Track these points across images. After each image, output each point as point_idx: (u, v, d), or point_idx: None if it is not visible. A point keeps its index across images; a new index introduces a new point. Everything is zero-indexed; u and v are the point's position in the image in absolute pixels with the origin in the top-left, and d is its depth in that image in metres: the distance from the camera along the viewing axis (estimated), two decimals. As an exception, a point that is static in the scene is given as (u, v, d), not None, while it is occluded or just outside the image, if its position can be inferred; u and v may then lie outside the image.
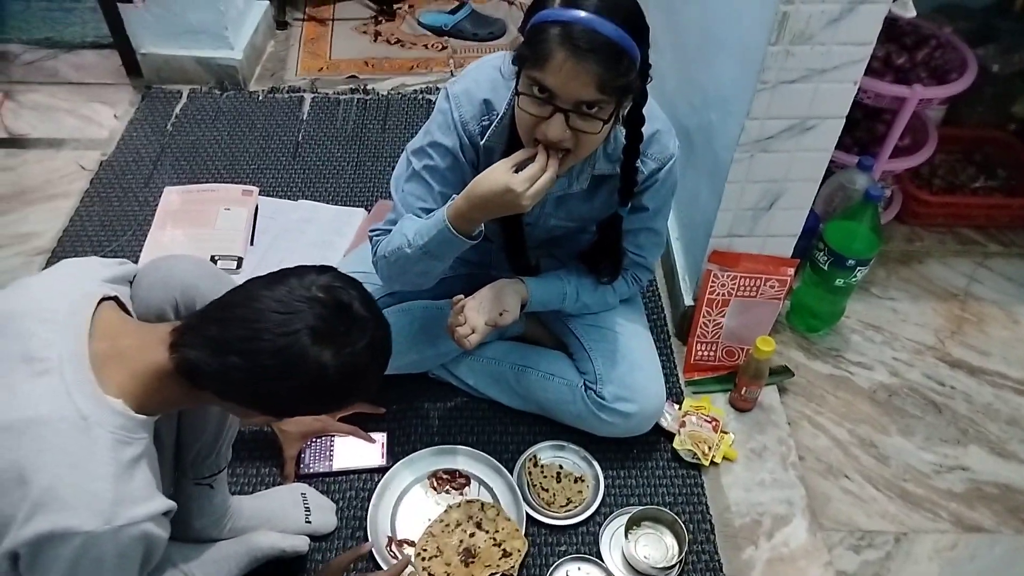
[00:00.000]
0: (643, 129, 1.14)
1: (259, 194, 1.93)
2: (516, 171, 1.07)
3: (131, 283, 1.01)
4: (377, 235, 1.27)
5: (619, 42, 0.98)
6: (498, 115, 1.17)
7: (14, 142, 2.10)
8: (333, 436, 1.43)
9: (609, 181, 1.24)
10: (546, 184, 1.07)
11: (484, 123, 1.19)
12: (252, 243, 1.82)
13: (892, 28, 1.75)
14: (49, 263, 1.77)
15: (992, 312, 1.77)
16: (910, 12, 1.28)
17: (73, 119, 2.18)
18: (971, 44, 1.79)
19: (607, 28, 0.97)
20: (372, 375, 0.92)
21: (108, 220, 1.88)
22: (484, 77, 1.19)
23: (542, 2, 1.01)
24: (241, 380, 0.84)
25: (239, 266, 1.76)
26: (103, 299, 0.90)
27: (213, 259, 1.76)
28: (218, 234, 1.82)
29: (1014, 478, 1.47)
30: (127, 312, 0.95)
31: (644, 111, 1.13)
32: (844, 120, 1.28)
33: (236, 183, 1.95)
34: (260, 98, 2.25)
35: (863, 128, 1.80)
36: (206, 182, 1.97)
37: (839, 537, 1.37)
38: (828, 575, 1.32)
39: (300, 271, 0.89)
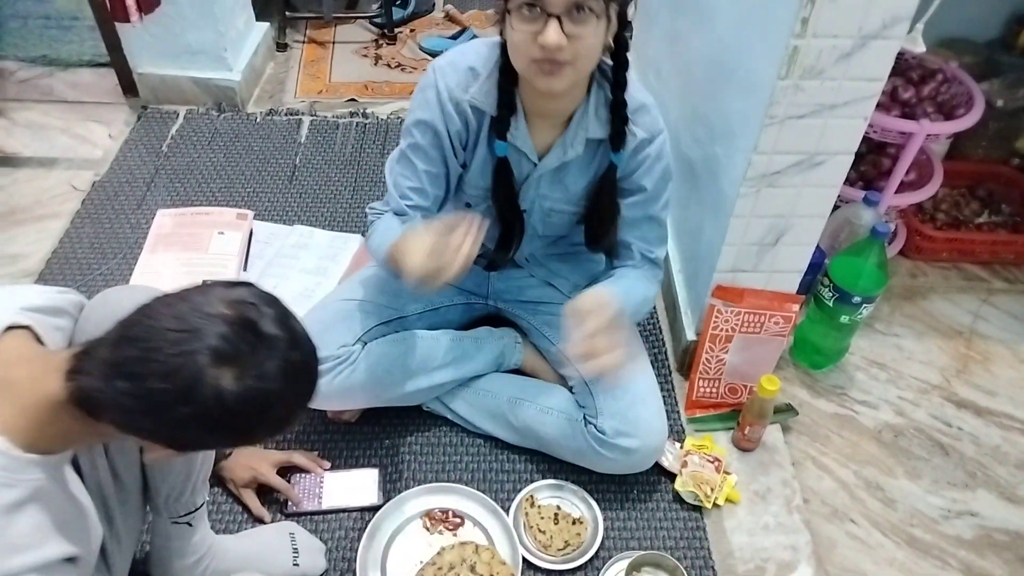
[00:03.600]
0: (630, 99, 1.16)
1: (254, 218, 1.89)
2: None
3: (77, 316, 0.94)
4: (374, 214, 1.26)
5: None
6: (484, 79, 1.17)
7: (6, 160, 2.06)
8: (321, 474, 1.38)
9: (600, 151, 1.23)
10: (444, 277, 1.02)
11: (471, 88, 1.18)
12: (245, 268, 1.78)
13: (899, 62, 1.72)
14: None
15: (998, 351, 1.74)
16: (919, 47, 1.26)
17: (67, 138, 2.15)
18: (976, 78, 1.78)
19: None
20: (285, 405, 0.80)
21: (98, 242, 1.84)
22: (470, 49, 1.21)
23: None
24: (133, 408, 0.74)
25: (231, 292, 1.72)
26: (12, 327, 0.81)
27: (204, 283, 1.71)
28: (211, 259, 1.78)
29: (1024, 525, 1.43)
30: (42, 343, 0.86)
31: (629, 87, 1.15)
32: (853, 156, 1.25)
33: (231, 206, 1.91)
34: (258, 120, 2.23)
35: (868, 162, 1.78)
36: (201, 204, 1.93)
37: (845, 585, 1.33)
38: (834, 625, 1.27)
39: (208, 286, 0.80)
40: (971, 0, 1.16)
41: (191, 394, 0.73)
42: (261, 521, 1.32)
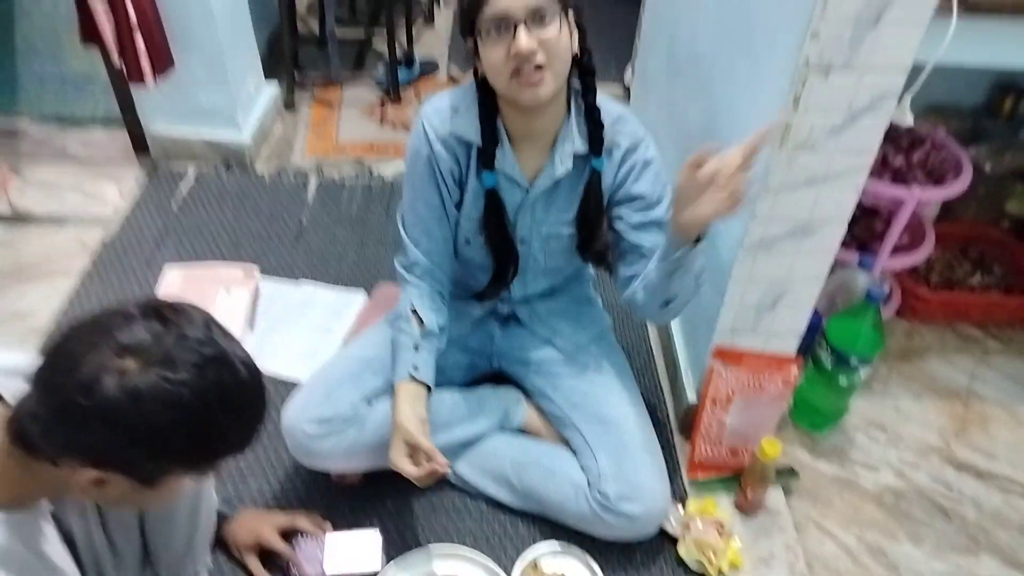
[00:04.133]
0: (606, 112, 1.24)
1: (261, 275, 1.92)
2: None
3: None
4: (400, 270, 1.35)
5: None
6: (465, 113, 1.24)
7: (18, 218, 2.11)
8: (323, 537, 1.37)
9: (587, 167, 1.27)
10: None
11: (454, 123, 1.24)
12: (252, 325, 1.80)
13: (888, 130, 1.78)
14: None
15: (995, 412, 1.76)
16: (908, 120, 1.31)
17: (78, 196, 2.19)
18: (963, 143, 1.83)
19: None
20: (208, 410, 0.74)
21: (107, 300, 1.86)
22: (450, 93, 1.27)
23: None
24: (49, 420, 0.72)
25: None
26: None
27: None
28: (217, 316, 1.80)
29: (1028, 590, 1.43)
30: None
31: (604, 103, 1.24)
32: (847, 224, 1.29)
33: (238, 263, 1.95)
34: (266, 180, 2.28)
35: (862, 225, 1.82)
36: (208, 262, 1.97)
37: (850, 653, 1.32)
38: None
39: (126, 301, 0.78)
40: (955, 70, 1.20)
41: (94, 389, 0.69)
42: None
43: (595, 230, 1.32)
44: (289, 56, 2.55)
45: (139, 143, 2.31)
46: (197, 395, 0.73)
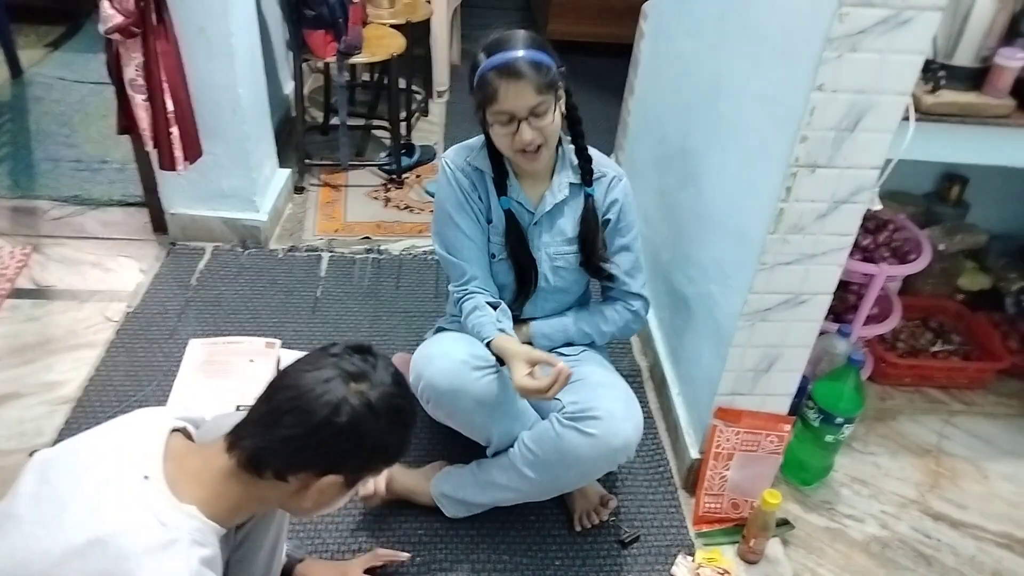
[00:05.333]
0: (593, 153, 1.54)
1: (281, 347, 2.03)
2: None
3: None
4: (456, 293, 1.56)
5: (534, 58, 1.35)
6: (476, 148, 1.53)
7: (41, 293, 2.19)
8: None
9: (581, 194, 1.55)
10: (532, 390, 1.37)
11: (468, 157, 1.53)
12: (275, 394, 1.90)
13: (854, 214, 2.02)
14: (74, 412, 1.82)
15: (964, 467, 1.93)
16: (877, 206, 1.52)
17: (99, 272, 2.29)
18: (919, 226, 2.07)
19: (522, 55, 1.35)
20: (410, 413, 1.04)
21: (133, 370, 1.95)
22: (466, 141, 1.56)
23: (475, 62, 1.39)
24: (296, 442, 0.94)
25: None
26: (174, 430, 1.01)
27: (238, 409, 1.83)
28: (242, 386, 1.90)
29: (1006, 629, 1.56)
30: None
31: (591, 152, 1.54)
32: (832, 295, 1.48)
33: (259, 335, 2.06)
34: (280, 256, 2.42)
35: (836, 298, 2.01)
36: (229, 334, 2.07)
37: None
38: None
39: (320, 348, 1.02)
40: (908, 162, 1.42)
41: (340, 411, 0.94)
42: None
43: (594, 245, 1.56)
44: (300, 144, 2.72)
45: (158, 223, 2.43)
46: (405, 403, 1.02)
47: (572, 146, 1.54)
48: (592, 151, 1.55)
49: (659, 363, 2.00)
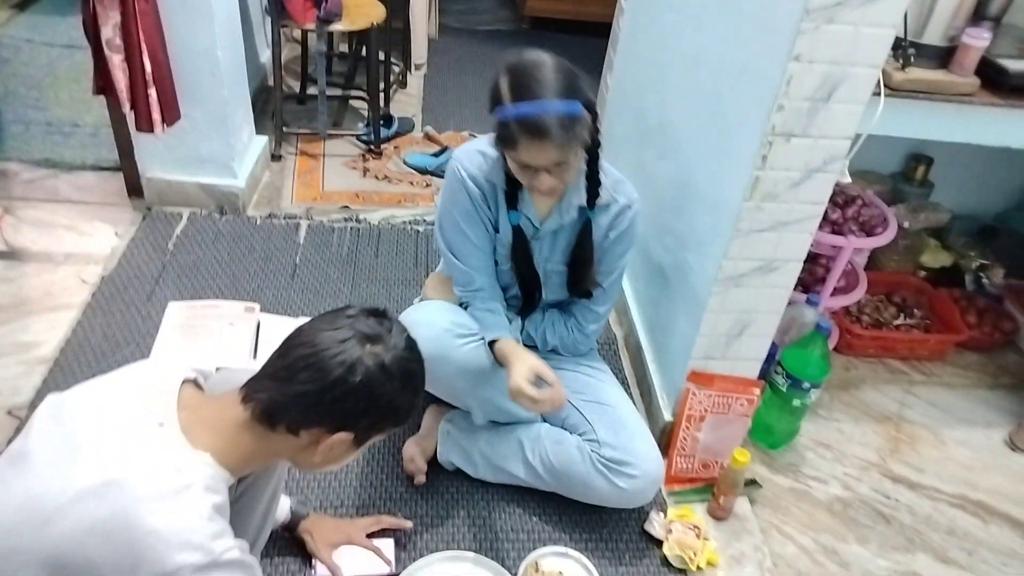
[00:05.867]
0: (609, 173, 1.47)
1: (260, 311, 2.04)
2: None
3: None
4: (466, 298, 1.54)
5: (565, 111, 1.24)
6: (492, 159, 1.45)
7: (14, 255, 2.17)
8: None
9: (583, 217, 1.49)
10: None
11: (483, 168, 1.46)
12: (255, 357, 1.91)
13: (824, 189, 2.08)
14: (52, 372, 1.81)
15: (922, 434, 2.02)
16: (846, 178, 1.57)
17: (73, 235, 2.27)
18: (887, 204, 2.14)
19: (553, 107, 1.23)
20: (421, 377, 1.05)
21: (111, 332, 1.95)
22: (478, 140, 1.49)
23: (498, 97, 1.28)
24: (310, 398, 0.95)
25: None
26: (186, 380, 1.03)
27: (217, 372, 1.84)
28: (222, 348, 1.91)
29: (958, 582, 1.65)
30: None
31: (607, 168, 1.46)
32: (803, 263, 1.53)
33: (238, 300, 2.06)
34: (258, 223, 2.41)
35: (805, 270, 2.08)
36: (208, 299, 2.07)
37: (814, 637, 1.50)
38: (808, 673, 1.43)
39: (336, 309, 1.04)
40: (876, 142, 1.47)
41: (355, 371, 0.95)
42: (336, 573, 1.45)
43: (583, 271, 1.54)
44: (278, 111, 2.71)
45: (134, 187, 2.41)
46: (417, 368, 1.03)
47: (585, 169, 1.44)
48: (610, 171, 1.48)
49: (634, 332, 2.05)
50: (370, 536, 1.50)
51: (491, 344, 1.48)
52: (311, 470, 1.34)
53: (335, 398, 0.96)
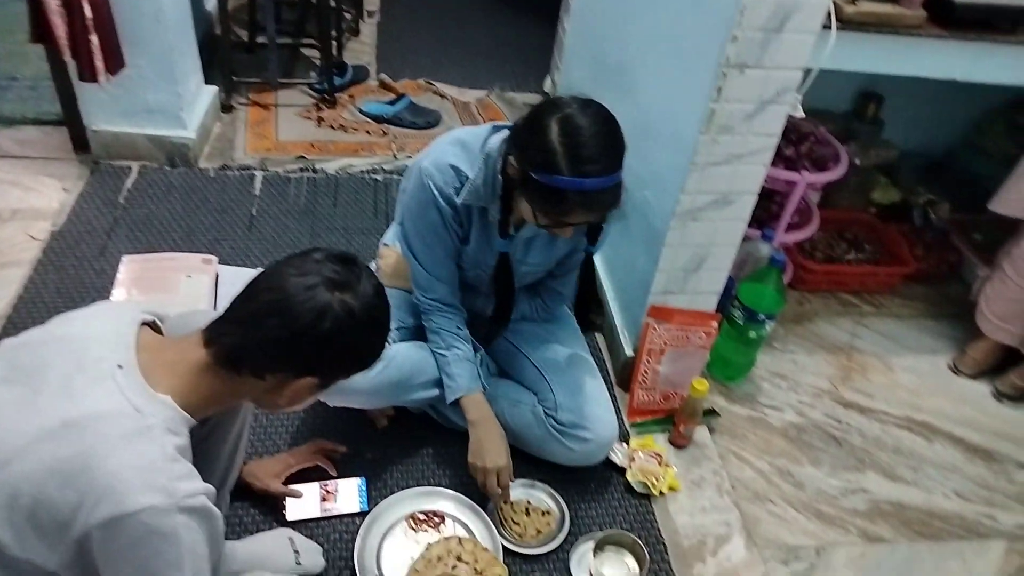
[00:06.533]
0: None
1: (218, 263, 2.01)
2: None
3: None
4: (429, 302, 1.52)
5: (619, 184, 1.22)
6: (469, 179, 1.36)
7: (-44, 212, 2.10)
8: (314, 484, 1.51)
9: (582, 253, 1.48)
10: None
11: (456, 186, 1.38)
12: (215, 308, 1.89)
13: (778, 127, 2.11)
14: (5, 329, 1.77)
15: (872, 362, 2.10)
16: (800, 112, 1.60)
17: (18, 191, 2.20)
18: (840, 141, 2.18)
19: (612, 181, 1.20)
20: (387, 322, 1.05)
21: (65, 287, 1.90)
22: (447, 149, 1.40)
23: (553, 164, 1.17)
24: (278, 344, 0.95)
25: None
26: (144, 324, 1.01)
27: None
28: (181, 300, 1.88)
29: (904, 497, 1.74)
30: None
31: None
32: (757, 196, 1.57)
33: (194, 253, 2.03)
34: (212, 174, 2.36)
35: (760, 207, 2.11)
36: (163, 252, 2.03)
37: (770, 552, 1.58)
38: (765, 585, 1.51)
39: (303, 253, 1.02)
40: (829, 79, 1.49)
41: (324, 316, 0.94)
42: (294, 496, 1.48)
43: (592, 301, 1.60)
44: (226, 60, 2.63)
45: (79, 141, 2.33)
46: (384, 315, 1.03)
47: None
48: None
49: (596, 271, 2.07)
50: (335, 477, 1.52)
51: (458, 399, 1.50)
52: (275, 411, 1.33)
53: (303, 344, 0.95)
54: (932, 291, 2.37)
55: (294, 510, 1.47)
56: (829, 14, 1.40)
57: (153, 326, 1.04)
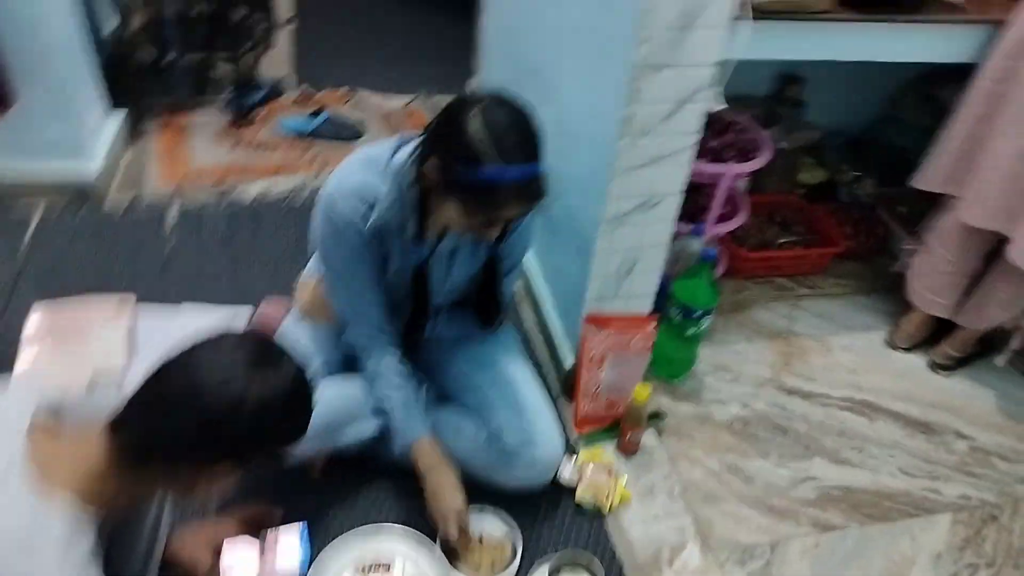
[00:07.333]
0: None
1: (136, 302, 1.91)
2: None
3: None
4: (361, 340, 1.47)
5: (543, 173, 1.21)
6: (378, 198, 1.31)
7: None
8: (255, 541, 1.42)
9: (483, 244, 1.43)
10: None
11: (363, 211, 1.32)
12: (136, 353, 1.79)
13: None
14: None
15: (810, 344, 2.11)
16: (721, 105, 1.58)
17: (-92, 244, 2.05)
18: (762, 126, 2.19)
19: (538, 168, 1.19)
20: (310, 403, 1.00)
21: (-34, 346, 1.78)
22: (352, 170, 1.34)
23: (479, 157, 1.14)
24: (190, 435, 0.89)
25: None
26: (35, 421, 0.93)
27: (95, 375, 1.72)
28: (97, 348, 1.78)
29: (851, 480, 1.75)
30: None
31: None
32: (682, 196, 1.54)
33: (112, 294, 1.91)
34: (121, 212, 2.23)
35: (688, 200, 2.10)
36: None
37: (726, 555, 1.57)
38: (723, 587, 1.50)
39: (216, 335, 0.95)
40: (748, 65, 1.48)
41: (241, 406, 0.89)
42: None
43: (496, 303, 1.53)
44: (131, 82, 2.50)
45: (-27, 183, 2.19)
46: (306, 399, 0.99)
47: None
48: None
49: (532, 282, 2.03)
50: (266, 530, 1.43)
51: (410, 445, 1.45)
52: (191, 499, 1.25)
53: (219, 435, 0.90)
54: (864, 267, 2.40)
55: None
56: (743, 4, 1.38)
57: (51, 418, 0.96)
